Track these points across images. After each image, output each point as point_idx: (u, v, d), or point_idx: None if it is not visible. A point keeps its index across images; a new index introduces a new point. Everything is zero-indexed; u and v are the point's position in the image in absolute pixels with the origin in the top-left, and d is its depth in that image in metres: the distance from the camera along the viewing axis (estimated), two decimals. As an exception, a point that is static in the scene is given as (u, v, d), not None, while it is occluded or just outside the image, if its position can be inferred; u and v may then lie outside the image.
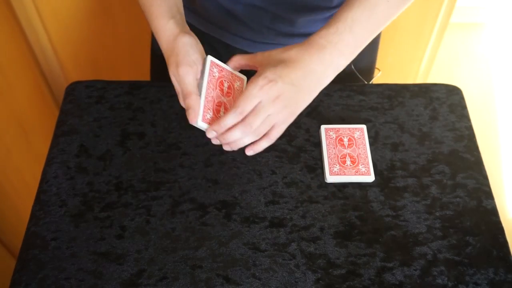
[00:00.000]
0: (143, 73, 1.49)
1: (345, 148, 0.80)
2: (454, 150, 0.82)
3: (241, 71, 0.75)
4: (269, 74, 0.65)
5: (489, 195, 0.77)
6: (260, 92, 0.65)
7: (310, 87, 0.67)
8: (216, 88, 0.71)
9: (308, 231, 0.73)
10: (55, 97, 1.44)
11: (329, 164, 0.78)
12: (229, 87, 0.72)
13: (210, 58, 0.71)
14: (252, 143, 0.69)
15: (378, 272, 0.70)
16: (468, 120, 0.86)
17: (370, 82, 0.98)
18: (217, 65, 0.72)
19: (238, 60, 0.72)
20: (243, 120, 0.66)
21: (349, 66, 0.92)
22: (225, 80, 0.72)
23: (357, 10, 0.67)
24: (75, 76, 1.37)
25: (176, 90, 0.72)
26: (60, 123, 0.85)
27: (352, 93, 0.88)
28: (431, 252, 0.71)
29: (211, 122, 0.69)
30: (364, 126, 0.82)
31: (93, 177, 0.78)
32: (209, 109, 0.69)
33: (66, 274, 0.69)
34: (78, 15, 1.30)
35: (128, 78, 0.97)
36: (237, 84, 0.74)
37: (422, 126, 0.85)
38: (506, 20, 2.28)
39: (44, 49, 1.34)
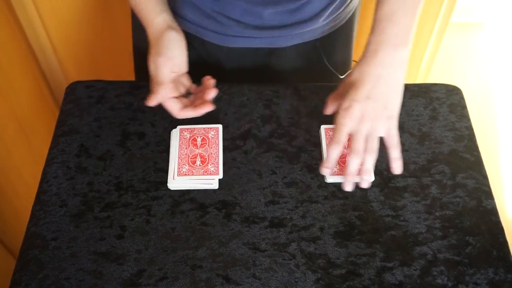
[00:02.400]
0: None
1: (345, 148, 0.80)
2: (454, 150, 0.82)
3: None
4: (345, 102, 0.71)
5: (489, 195, 0.77)
6: (346, 120, 0.70)
7: (385, 88, 0.71)
8: (188, 146, 0.80)
9: (308, 231, 0.73)
10: (55, 97, 1.44)
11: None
12: (202, 140, 0.81)
13: (178, 127, 0.81)
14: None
15: (378, 272, 0.70)
16: (468, 120, 0.86)
17: (347, 74, 0.99)
18: (187, 129, 0.82)
19: (332, 100, 0.79)
20: (351, 151, 0.71)
21: (322, 61, 0.93)
22: (197, 136, 0.81)
23: (391, 3, 0.71)
24: (75, 76, 1.37)
25: (150, 77, 0.77)
26: (60, 123, 0.85)
27: (352, 93, 0.88)
28: (431, 252, 0.71)
29: (188, 173, 0.77)
30: None
31: (93, 177, 0.78)
32: (184, 164, 0.78)
33: (66, 274, 0.69)
34: (78, 15, 1.30)
35: (128, 78, 0.98)
36: (211, 134, 0.81)
37: (422, 126, 0.85)
38: (506, 20, 2.28)
39: (44, 49, 1.34)
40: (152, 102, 0.76)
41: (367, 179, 0.75)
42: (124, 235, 0.73)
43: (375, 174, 0.79)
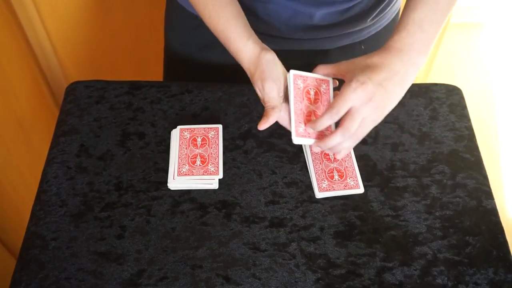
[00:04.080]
0: (143, 73, 1.49)
1: (331, 162, 0.79)
2: (454, 150, 0.82)
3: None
4: (360, 77, 0.69)
5: (489, 195, 0.77)
6: (353, 94, 0.68)
7: (396, 88, 0.71)
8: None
9: (308, 231, 0.73)
10: (55, 97, 1.44)
11: (317, 180, 0.77)
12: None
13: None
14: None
15: (378, 272, 0.70)
16: (468, 120, 0.86)
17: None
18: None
19: (322, 70, 0.76)
20: (341, 125, 0.70)
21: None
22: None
23: (421, 10, 0.72)
24: (75, 76, 1.37)
25: (261, 100, 0.75)
26: (60, 123, 0.85)
27: (352, 93, 0.88)
28: (431, 252, 0.71)
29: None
30: None
31: (93, 177, 0.78)
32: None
33: (66, 274, 0.69)
34: (78, 15, 1.30)
35: (128, 78, 0.98)
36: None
37: (422, 126, 0.85)
38: (506, 20, 2.28)
39: (44, 49, 1.34)
40: (265, 126, 0.73)
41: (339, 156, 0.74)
42: (124, 235, 0.73)
43: (375, 174, 0.79)
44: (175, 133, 0.82)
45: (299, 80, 0.75)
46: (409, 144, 0.82)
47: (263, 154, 0.81)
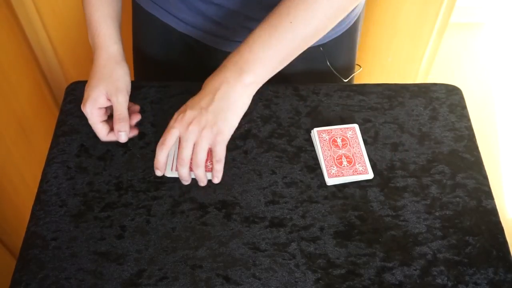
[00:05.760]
0: (143, 73, 1.49)
1: (340, 149, 0.80)
2: (454, 150, 0.82)
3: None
4: (181, 107, 0.74)
5: (489, 195, 0.77)
6: (175, 123, 0.73)
7: (221, 105, 0.72)
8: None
9: (308, 231, 0.73)
10: (55, 97, 1.44)
11: (327, 166, 0.78)
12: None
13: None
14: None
15: (378, 272, 0.70)
16: (468, 120, 0.86)
17: (350, 78, 0.99)
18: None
19: None
20: (177, 161, 0.73)
21: (325, 65, 0.93)
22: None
23: (259, 30, 0.73)
24: (75, 76, 1.37)
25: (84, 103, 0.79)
26: (60, 123, 0.85)
27: (351, 93, 0.88)
28: (431, 252, 0.71)
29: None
30: (356, 125, 0.82)
31: (93, 177, 0.78)
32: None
33: (66, 274, 0.69)
34: (78, 15, 1.30)
35: (128, 78, 0.97)
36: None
37: (422, 126, 0.85)
38: (506, 20, 2.28)
39: (44, 49, 1.34)
40: (127, 136, 0.80)
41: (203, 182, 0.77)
42: (124, 235, 0.73)
43: (375, 174, 0.79)
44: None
45: (324, 133, 0.81)
46: (409, 144, 0.82)
47: (263, 154, 0.81)
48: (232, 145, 0.82)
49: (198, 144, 0.72)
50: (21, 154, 1.29)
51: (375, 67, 1.49)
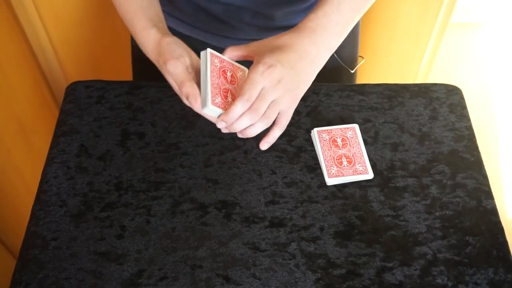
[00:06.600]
0: (143, 73, 1.49)
1: (340, 149, 0.80)
2: (454, 150, 0.82)
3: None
4: (268, 59, 0.67)
5: (489, 195, 0.77)
6: (262, 78, 0.66)
7: (307, 69, 0.69)
8: (219, 76, 0.70)
9: (308, 231, 0.73)
10: (55, 97, 1.44)
11: (327, 166, 0.78)
12: (232, 76, 0.72)
13: (209, 50, 0.70)
14: (264, 135, 0.71)
15: (378, 272, 0.70)
16: (468, 120, 0.86)
17: (355, 69, 1.00)
18: (217, 56, 0.71)
19: (233, 51, 0.72)
20: (249, 107, 0.67)
21: (332, 55, 0.93)
22: (227, 70, 0.72)
23: None
24: (75, 76, 1.37)
25: (174, 89, 0.72)
26: (60, 123, 0.85)
27: (351, 93, 0.88)
28: (431, 252, 0.71)
29: (221, 106, 0.68)
30: (356, 125, 0.82)
31: (93, 177, 0.78)
32: (216, 94, 0.68)
33: (66, 274, 0.69)
34: (78, 15, 1.30)
35: (128, 78, 0.98)
36: (239, 74, 0.73)
37: (422, 126, 0.85)
38: (506, 20, 2.28)
39: (44, 49, 1.34)
40: (195, 103, 0.68)
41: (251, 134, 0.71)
42: (124, 235, 0.73)
43: (375, 174, 0.79)
44: (205, 56, 0.71)
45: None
46: (409, 144, 0.82)
47: (263, 154, 0.81)
48: (232, 145, 0.82)
49: (277, 102, 0.68)
50: (21, 154, 1.29)
51: (375, 67, 1.49)
